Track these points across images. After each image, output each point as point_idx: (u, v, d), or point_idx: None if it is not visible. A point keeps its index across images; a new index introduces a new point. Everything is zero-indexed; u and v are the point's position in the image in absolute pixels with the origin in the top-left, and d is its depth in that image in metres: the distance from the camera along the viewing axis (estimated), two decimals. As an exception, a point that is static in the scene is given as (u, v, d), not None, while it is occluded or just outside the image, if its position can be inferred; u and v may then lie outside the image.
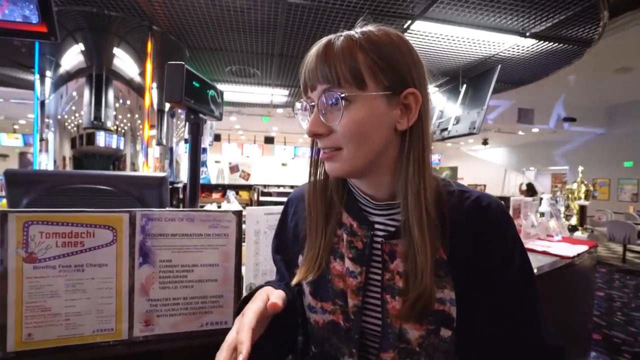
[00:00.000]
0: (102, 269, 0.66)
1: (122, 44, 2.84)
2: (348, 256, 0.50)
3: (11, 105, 6.36)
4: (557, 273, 1.44)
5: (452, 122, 3.20)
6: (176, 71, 0.70)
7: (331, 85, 0.43)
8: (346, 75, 0.43)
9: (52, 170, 2.60)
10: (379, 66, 0.43)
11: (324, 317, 0.50)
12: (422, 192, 0.45)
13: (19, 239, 0.62)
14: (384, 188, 0.50)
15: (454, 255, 0.46)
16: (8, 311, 0.61)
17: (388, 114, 0.45)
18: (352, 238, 0.51)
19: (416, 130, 0.46)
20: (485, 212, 0.47)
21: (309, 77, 0.46)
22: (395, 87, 0.44)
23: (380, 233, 0.50)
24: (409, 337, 0.45)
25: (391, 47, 0.45)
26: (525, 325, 0.46)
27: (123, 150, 2.91)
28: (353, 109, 0.43)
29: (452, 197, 0.48)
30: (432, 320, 0.45)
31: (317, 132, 0.46)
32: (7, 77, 4.22)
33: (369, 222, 0.51)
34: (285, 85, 4.21)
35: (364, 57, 0.43)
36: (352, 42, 0.44)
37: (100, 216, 0.66)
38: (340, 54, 0.43)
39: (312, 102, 0.47)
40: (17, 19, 1.09)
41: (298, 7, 2.26)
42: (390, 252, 0.48)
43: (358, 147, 0.45)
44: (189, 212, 0.68)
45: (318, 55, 0.45)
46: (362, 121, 0.44)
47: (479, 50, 2.85)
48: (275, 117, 7.48)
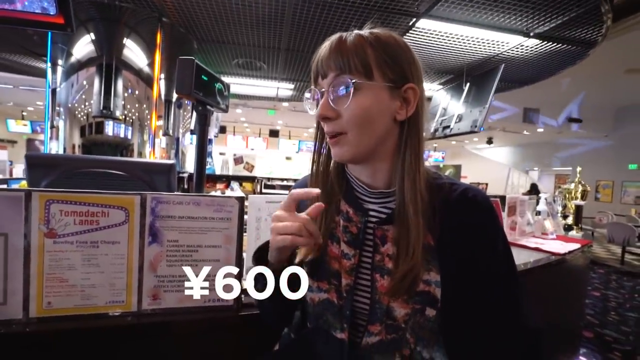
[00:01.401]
0: (114, 246, 0.72)
1: (132, 35, 2.89)
2: (343, 240, 0.55)
3: (20, 92, 6.45)
4: (548, 269, 1.48)
5: (454, 120, 3.22)
6: (186, 65, 0.75)
7: (342, 72, 0.49)
8: (357, 65, 0.48)
9: (70, 155, 2.68)
10: (385, 61, 0.49)
11: (319, 295, 0.55)
12: (417, 177, 0.50)
13: (41, 216, 0.68)
14: (381, 175, 0.54)
15: (441, 241, 0.50)
16: (31, 281, 0.68)
17: (390, 104, 0.50)
18: (348, 223, 0.55)
19: (413, 122, 0.52)
20: (471, 203, 0.52)
21: (322, 66, 0.51)
22: (398, 81, 0.50)
23: (373, 219, 0.55)
24: (395, 315, 0.49)
25: (395, 46, 0.51)
26: (506, 308, 0.51)
27: (131, 139, 2.98)
28: (360, 95, 0.49)
29: (441, 188, 0.53)
30: (418, 300, 0.49)
31: (326, 115, 0.50)
32: (18, 64, 4.30)
33: (364, 209, 0.55)
34: (291, 79, 4.25)
35: (373, 51, 0.49)
36: (362, 39, 0.50)
37: (114, 197, 0.72)
38: (352, 47, 0.49)
39: (322, 89, 0.52)
40: (36, 10, 1.15)
41: (305, 3, 2.29)
42: (381, 236, 0.53)
43: (361, 132, 0.50)
44: (195, 196, 0.74)
45: (332, 47, 0.50)
46: (367, 108, 0.49)
47: (482, 49, 2.87)
48: (281, 110, 7.51)
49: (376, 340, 0.50)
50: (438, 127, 3.43)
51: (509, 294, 0.51)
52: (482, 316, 0.51)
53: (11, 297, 0.67)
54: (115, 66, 2.84)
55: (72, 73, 2.91)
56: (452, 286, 0.49)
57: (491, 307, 0.51)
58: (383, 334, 0.50)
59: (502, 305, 0.51)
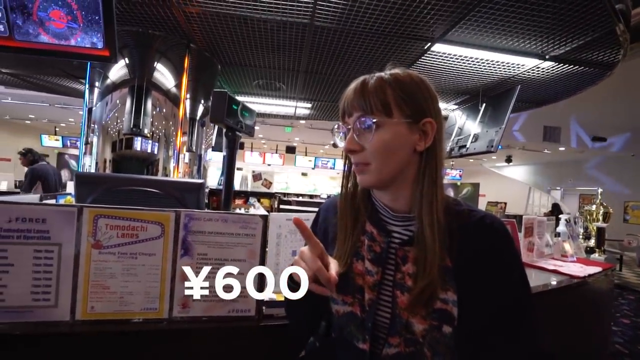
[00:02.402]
0: (151, 258, 0.80)
1: (162, 59, 3.11)
2: (367, 258, 0.60)
3: (55, 110, 6.92)
4: (566, 292, 1.46)
5: (470, 140, 3.23)
6: (220, 97, 0.85)
7: (365, 113, 0.56)
8: (377, 105, 0.55)
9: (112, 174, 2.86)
10: (403, 99, 0.56)
11: (344, 307, 0.60)
12: (435, 203, 0.55)
13: (90, 229, 0.77)
14: (403, 200, 0.60)
15: (459, 264, 0.55)
16: (78, 287, 0.76)
17: (409, 137, 0.57)
18: (372, 243, 0.61)
19: (432, 152, 0.58)
20: (488, 229, 0.56)
21: (347, 106, 0.59)
22: (415, 116, 0.57)
23: (396, 240, 0.60)
24: (414, 329, 0.54)
25: (413, 85, 0.57)
26: (520, 330, 0.54)
27: (157, 155, 3.15)
28: (381, 131, 0.56)
29: (460, 214, 0.58)
30: (435, 317, 0.53)
31: (352, 148, 0.58)
32: (56, 84, 4.66)
33: (387, 231, 0.61)
34: (309, 99, 4.39)
35: (392, 91, 0.56)
36: (382, 81, 0.57)
37: (152, 214, 0.80)
38: (373, 89, 0.56)
39: (348, 126, 0.59)
40: (87, 45, 1.32)
41: (324, 30, 2.42)
42: (403, 256, 0.58)
43: (384, 163, 0.57)
44: (224, 214, 0.81)
45: (356, 90, 0.58)
46: (388, 141, 0.56)
47: (498, 71, 2.91)
48: (298, 127, 7.69)
49: (395, 352, 0.54)
50: (454, 147, 3.44)
51: (524, 317, 0.54)
52: (497, 338, 0.54)
53: (61, 301, 0.75)
54: (145, 87, 3.04)
55: (107, 93, 3.13)
56: (469, 306, 0.53)
57: (506, 329, 0.54)
58: (402, 347, 0.54)
59: (516, 329, 0.54)
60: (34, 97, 5.67)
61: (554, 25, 2.12)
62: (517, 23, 2.12)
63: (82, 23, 1.35)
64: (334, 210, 0.68)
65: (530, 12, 1.98)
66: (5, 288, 0.71)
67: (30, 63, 3.78)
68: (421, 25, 2.24)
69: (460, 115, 3.66)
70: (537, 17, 2.03)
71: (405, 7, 2.03)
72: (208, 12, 2.32)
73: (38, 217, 0.73)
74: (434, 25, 2.22)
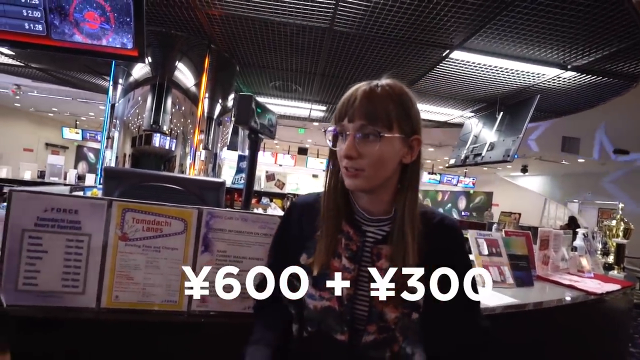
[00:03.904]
0: (173, 252, 0.83)
1: (183, 59, 3.19)
2: (345, 256, 0.64)
3: (77, 103, 7.17)
4: (582, 309, 1.43)
5: (486, 148, 3.20)
6: (245, 101, 0.88)
7: (370, 122, 0.59)
8: (382, 119, 0.59)
9: (138, 170, 2.95)
10: (402, 116, 0.61)
11: (321, 303, 0.63)
12: (415, 208, 0.62)
13: (118, 222, 0.81)
14: (380, 205, 0.65)
15: (425, 259, 0.61)
16: (104, 276, 0.80)
17: (400, 150, 0.62)
18: (349, 242, 0.65)
19: (415, 165, 0.64)
20: (447, 229, 0.67)
21: (350, 112, 0.61)
22: (409, 133, 0.62)
23: (370, 239, 0.65)
24: (387, 318, 0.61)
25: (410, 103, 0.63)
26: (468, 310, 0.65)
27: (174, 151, 3.23)
28: (382, 144, 0.59)
29: (424, 215, 0.65)
30: (406, 306, 0.61)
31: (351, 155, 0.60)
32: (79, 80, 4.83)
33: (362, 231, 0.66)
34: (324, 102, 4.43)
35: (394, 107, 0.60)
36: (387, 94, 0.60)
37: (176, 210, 0.83)
38: (379, 101, 0.59)
39: (347, 132, 0.61)
40: (117, 45, 1.39)
41: (343, 34, 2.45)
42: (377, 253, 0.64)
43: (377, 171, 0.61)
44: (244, 213, 0.84)
45: (362, 97, 0.60)
46: (385, 153, 0.60)
47: (518, 80, 2.87)
48: (311, 129, 7.73)
49: (371, 339, 0.61)
50: (469, 155, 3.40)
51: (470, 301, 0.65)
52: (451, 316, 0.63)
53: (88, 288, 0.79)
54: (166, 86, 3.12)
55: (129, 90, 3.23)
56: (431, 295, 0.61)
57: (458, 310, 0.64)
58: (377, 334, 0.61)
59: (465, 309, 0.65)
60: (58, 91, 5.89)
61: (577, 35, 2.09)
62: (539, 32, 2.10)
63: (114, 24, 1.42)
64: (312, 208, 0.69)
65: (554, 21, 1.96)
66: (38, 273, 0.76)
67: (58, 59, 3.93)
68: (440, 33, 2.24)
69: (476, 123, 3.62)
70: (560, 26, 2.00)
71: (426, 15, 2.03)
72: (230, 15, 2.37)
73: (71, 208, 0.78)
74: (454, 33, 2.22)
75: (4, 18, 1.46)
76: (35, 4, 1.45)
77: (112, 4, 1.40)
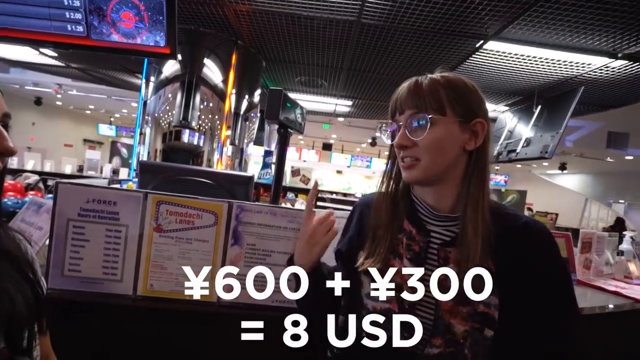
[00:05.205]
0: (204, 244, 0.85)
1: (211, 56, 3.26)
2: (406, 257, 0.60)
3: (111, 101, 7.57)
4: (628, 317, 1.33)
5: (521, 144, 3.03)
6: (276, 95, 0.87)
7: (419, 110, 0.57)
8: (432, 103, 0.57)
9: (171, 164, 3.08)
10: (455, 99, 0.57)
11: (380, 304, 0.60)
12: (481, 203, 0.56)
13: (152, 213, 0.84)
14: (446, 200, 0.60)
15: (502, 267, 0.54)
16: (140, 265, 0.83)
17: (460, 136, 0.58)
18: (411, 242, 0.61)
19: (480, 152, 0.59)
20: (533, 234, 0.57)
21: (400, 104, 0.60)
22: (467, 116, 0.58)
23: (436, 240, 0.60)
24: (455, 330, 0.54)
25: (464, 87, 0.59)
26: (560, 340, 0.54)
27: (202, 147, 3.32)
28: (435, 129, 0.57)
29: (505, 217, 0.58)
30: (477, 320, 0.53)
31: (403, 144, 0.59)
32: (114, 78, 5.07)
33: (426, 230, 0.61)
34: (350, 97, 4.37)
35: (445, 92, 0.57)
36: (435, 81, 0.59)
37: (207, 203, 0.85)
38: (427, 88, 0.58)
39: (399, 123, 0.61)
40: (150, 43, 1.45)
41: (371, 27, 2.39)
42: (444, 257, 0.58)
43: (434, 159, 0.58)
44: (273, 207, 0.84)
45: (409, 88, 0.60)
46: (440, 139, 0.57)
47: (559, 71, 2.69)
48: (336, 125, 7.69)
49: (437, 352, 0.55)
50: (502, 151, 3.24)
51: (565, 326, 0.55)
52: (537, 343, 0.54)
53: (126, 276, 0.82)
54: (195, 82, 3.20)
55: (160, 88, 3.34)
56: (511, 311, 0.53)
57: (546, 336, 0.53)
58: (443, 347, 0.55)
59: (557, 336, 0.54)
60: (95, 89, 6.22)
61: (630, 19, 1.91)
62: (586, 18, 1.94)
63: (147, 23, 1.47)
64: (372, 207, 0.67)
65: (603, 4, 1.80)
66: (81, 260, 0.80)
67: (95, 59, 4.14)
68: (474, 22, 2.13)
69: (510, 118, 3.44)
70: (610, 10, 1.84)
71: (458, 4, 1.94)
72: (257, 10, 2.39)
73: (110, 200, 0.81)
74: (489, 22, 2.11)
75: (49, 21, 1.56)
76: (76, 7, 1.53)
77: (145, 3, 1.45)
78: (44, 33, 1.51)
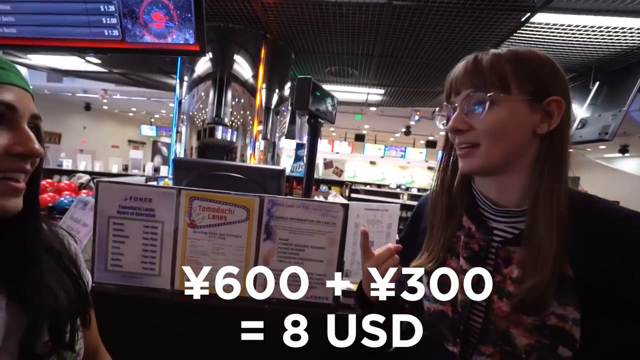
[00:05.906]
0: (237, 239, 0.84)
1: (241, 52, 3.29)
2: (463, 255, 0.54)
3: (151, 103, 8.00)
4: None
5: (575, 125, 2.74)
6: (304, 84, 0.84)
7: (477, 89, 0.49)
8: (493, 80, 0.48)
9: (204, 160, 3.21)
10: (524, 75, 0.48)
11: (435, 305, 0.56)
12: (556, 199, 0.46)
13: (186, 209, 0.84)
14: (512, 192, 0.52)
15: (585, 274, 0.44)
16: (176, 260, 0.84)
17: (529, 118, 0.49)
18: (469, 240, 0.55)
19: (557, 136, 0.49)
20: (632, 234, 0.44)
21: (455, 84, 0.52)
22: (538, 94, 0.48)
23: (497, 239, 0.52)
24: (515, 342, 0.47)
25: (536, 60, 0.49)
26: None
27: (235, 142, 3.38)
28: (496, 109, 0.48)
29: (593, 212, 0.47)
30: (547, 335, 0.45)
31: (458, 127, 0.51)
32: (151, 80, 5.32)
33: (487, 227, 0.54)
34: (382, 85, 4.23)
35: (510, 67, 0.48)
36: (499, 56, 0.50)
37: (239, 198, 0.84)
38: (488, 64, 0.49)
39: (455, 105, 0.53)
40: (180, 41, 1.48)
41: (402, 9, 2.26)
42: (505, 257, 0.50)
43: (496, 144, 0.49)
44: (305, 201, 0.81)
45: (467, 66, 0.51)
46: (503, 120, 0.48)
47: (621, 41, 2.37)
48: (368, 115, 7.53)
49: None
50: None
51: None
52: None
53: (163, 271, 0.84)
54: (226, 79, 3.25)
55: (193, 86, 3.44)
56: (597, 328, 0.43)
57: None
58: (497, 358, 0.48)
59: None
60: (135, 92, 6.60)
61: None
62: (656, -24, 1.67)
63: (177, 22, 1.50)
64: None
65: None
66: (122, 256, 0.82)
67: (133, 62, 4.36)
68: (520, -8, 1.93)
69: (561, 97, 3.12)
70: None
71: (502, -27, 1.76)
72: (284, 1, 2.35)
73: (146, 197, 0.82)
74: (537, -9, 1.89)
75: (88, 28, 1.64)
76: (111, 12, 1.60)
77: (174, 2, 1.48)
78: (85, 40, 1.60)
